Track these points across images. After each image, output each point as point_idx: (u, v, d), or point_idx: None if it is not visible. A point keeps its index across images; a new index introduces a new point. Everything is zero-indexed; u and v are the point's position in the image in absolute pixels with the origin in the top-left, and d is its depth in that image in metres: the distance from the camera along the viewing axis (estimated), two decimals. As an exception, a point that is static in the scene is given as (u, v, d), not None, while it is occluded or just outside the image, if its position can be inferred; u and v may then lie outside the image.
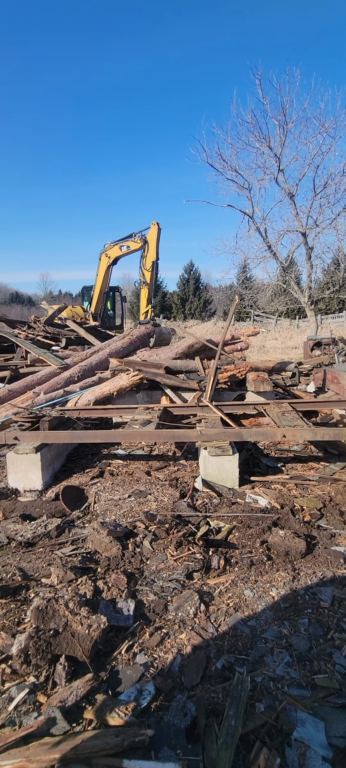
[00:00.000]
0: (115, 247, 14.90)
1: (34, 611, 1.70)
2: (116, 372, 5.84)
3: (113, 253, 15.01)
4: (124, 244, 14.67)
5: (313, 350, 9.15)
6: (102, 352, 7.32)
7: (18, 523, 2.88)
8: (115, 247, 14.89)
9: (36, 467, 3.53)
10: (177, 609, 1.94)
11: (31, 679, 1.57)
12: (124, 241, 14.66)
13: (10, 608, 1.96)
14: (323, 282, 18.16)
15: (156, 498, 3.24)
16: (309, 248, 14.99)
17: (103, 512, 3.03)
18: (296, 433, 3.60)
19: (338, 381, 5.98)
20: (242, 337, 7.49)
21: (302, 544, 2.39)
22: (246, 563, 2.29)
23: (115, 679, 1.58)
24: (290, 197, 14.63)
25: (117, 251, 14.93)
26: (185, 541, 2.48)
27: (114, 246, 14.90)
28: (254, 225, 15.24)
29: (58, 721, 1.38)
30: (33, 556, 2.45)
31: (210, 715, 1.39)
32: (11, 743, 1.29)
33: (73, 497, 3.28)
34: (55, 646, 1.62)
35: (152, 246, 13.70)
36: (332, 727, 1.35)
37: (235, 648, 1.71)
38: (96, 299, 15.87)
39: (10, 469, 3.56)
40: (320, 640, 1.73)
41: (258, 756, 1.25)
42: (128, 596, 2.01)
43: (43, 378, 6.59)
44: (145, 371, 5.59)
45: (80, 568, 2.26)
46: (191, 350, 6.95)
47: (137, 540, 2.57)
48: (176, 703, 1.44)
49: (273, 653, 1.67)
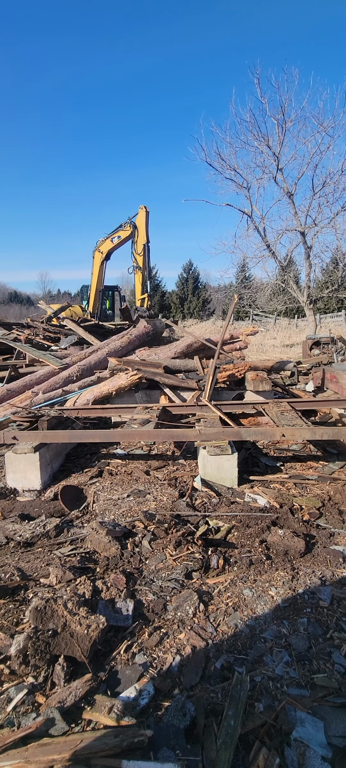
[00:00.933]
0: (106, 241, 14.88)
1: (32, 611, 1.70)
2: (115, 371, 5.83)
3: (105, 247, 14.99)
4: (115, 236, 14.65)
5: (312, 349, 9.16)
6: (101, 351, 7.31)
7: (17, 522, 2.88)
8: (106, 240, 14.87)
9: (35, 467, 3.52)
10: (176, 609, 1.94)
11: (29, 680, 1.56)
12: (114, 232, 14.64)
13: (9, 608, 1.95)
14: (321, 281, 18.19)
15: (155, 497, 3.23)
16: (308, 247, 14.99)
17: (102, 512, 3.03)
18: (295, 432, 3.60)
19: (336, 380, 5.98)
20: (241, 337, 7.48)
21: (301, 544, 2.39)
22: (245, 563, 2.29)
23: (114, 680, 1.57)
24: (288, 196, 14.63)
25: (109, 244, 14.91)
26: (184, 540, 2.48)
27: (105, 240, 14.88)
28: (253, 224, 15.25)
29: (57, 722, 1.37)
30: (32, 556, 2.44)
31: (209, 715, 1.39)
32: (10, 744, 1.28)
33: (71, 497, 3.27)
34: (54, 647, 1.62)
35: (142, 229, 13.70)
36: (332, 726, 1.35)
37: (234, 648, 1.71)
38: (93, 298, 15.84)
39: (9, 469, 3.55)
40: (320, 640, 1.73)
41: (257, 756, 1.25)
42: (127, 596, 2.01)
43: (42, 377, 6.58)
44: (144, 371, 5.58)
45: (79, 568, 2.25)
46: (189, 349, 6.95)
47: (136, 540, 2.56)
48: (175, 704, 1.44)
49: (272, 653, 1.67)
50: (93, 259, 15.33)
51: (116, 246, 14.92)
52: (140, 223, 13.73)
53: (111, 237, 14.75)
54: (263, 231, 15.29)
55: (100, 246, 15.03)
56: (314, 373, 6.80)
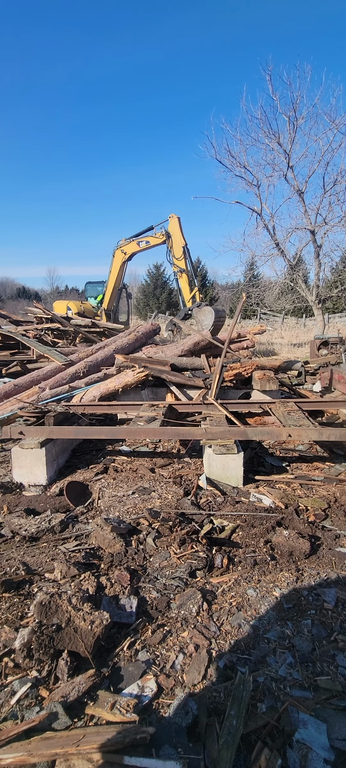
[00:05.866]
0: (131, 243, 14.73)
1: (37, 606, 1.71)
2: (122, 368, 5.84)
3: (130, 249, 14.85)
4: (142, 240, 14.50)
5: (320, 349, 9.09)
6: (108, 348, 7.33)
7: (22, 517, 2.90)
8: (132, 242, 14.72)
9: (41, 462, 3.55)
10: (180, 607, 1.94)
11: (33, 674, 1.58)
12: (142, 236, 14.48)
13: (14, 602, 1.97)
14: (331, 280, 18.02)
15: (160, 495, 3.23)
16: (318, 246, 14.86)
17: (107, 508, 3.04)
18: (302, 432, 3.58)
19: (344, 381, 5.93)
20: (248, 335, 7.46)
21: (306, 545, 2.37)
22: (249, 563, 2.28)
23: (117, 676, 1.58)
24: (299, 194, 14.51)
25: (134, 247, 14.77)
26: (189, 539, 2.48)
27: (131, 242, 14.72)
28: (262, 222, 15.16)
29: (60, 716, 1.38)
30: (37, 551, 2.46)
31: (211, 714, 1.39)
32: (13, 737, 1.30)
33: (77, 493, 3.29)
34: (58, 642, 1.63)
35: (177, 235, 13.56)
36: (335, 729, 1.34)
37: (237, 647, 1.70)
38: (109, 295, 15.82)
39: (15, 464, 3.58)
40: (323, 642, 1.72)
41: (259, 756, 1.25)
42: (131, 593, 2.01)
43: (49, 373, 6.62)
44: (151, 368, 5.59)
45: (83, 564, 2.26)
46: (196, 347, 6.94)
47: (141, 537, 2.57)
48: (178, 702, 1.44)
49: (276, 654, 1.66)
50: (113, 257, 15.20)
51: (143, 250, 14.79)
52: (174, 230, 13.60)
53: (138, 240, 14.58)
54: (273, 229, 15.19)
55: (124, 246, 14.87)
56: (321, 374, 6.75)
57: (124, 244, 14.92)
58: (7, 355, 8.28)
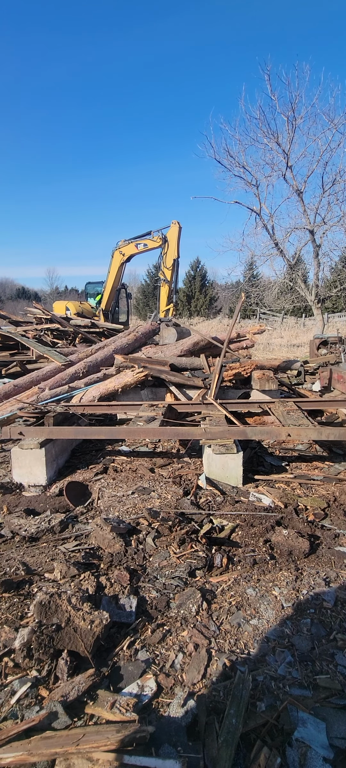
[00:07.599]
0: (130, 245, 14.77)
1: (37, 606, 1.71)
2: (121, 368, 5.84)
3: (128, 251, 14.89)
4: (140, 242, 14.52)
5: (319, 349, 9.09)
6: (107, 348, 7.33)
7: (22, 517, 2.90)
8: (130, 244, 14.75)
9: (40, 462, 3.55)
10: (179, 606, 1.94)
11: (33, 673, 1.58)
12: (140, 239, 14.50)
13: (14, 602, 1.98)
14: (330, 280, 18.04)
15: (159, 495, 3.24)
16: (317, 246, 14.88)
17: (107, 508, 3.04)
18: (301, 432, 3.58)
19: (344, 380, 5.94)
20: (248, 335, 7.46)
21: (305, 544, 2.38)
22: (249, 562, 2.29)
23: (116, 675, 1.58)
24: (297, 194, 14.53)
25: (133, 249, 14.80)
26: (188, 538, 2.48)
27: (129, 243, 14.76)
28: (261, 222, 15.18)
29: (60, 716, 1.39)
30: (36, 551, 2.47)
31: (211, 713, 1.39)
32: (13, 736, 1.30)
33: (76, 493, 3.29)
34: (58, 641, 1.63)
35: (173, 244, 13.57)
36: (334, 728, 1.35)
37: (236, 646, 1.71)
38: (107, 296, 15.83)
39: (15, 464, 3.58)
40: (323, 641, 1.73)
41: (259, 755, 1.25)
42: (131, 593, 2.02)
43: (49, 374, 6.62)
44: (150, 368, 5.59)
45: (83, 564, 2.27)
46: (196, 347, 6.93)
47: (140, 537, 2.57)
48: (177, 701, 1.45)
49: (275, 653, 1.67)
50: (111, 258, 15.24)
51: (140, 252, 14.83)
52: (172, 237, 13.59)
53: (136, 243, 14.61)
54: (272, 229, 15.22)
55: (123, 248, 14.91)
56: (321, 373, 6.75)
57: (123, 246, 14.96)
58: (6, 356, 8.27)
